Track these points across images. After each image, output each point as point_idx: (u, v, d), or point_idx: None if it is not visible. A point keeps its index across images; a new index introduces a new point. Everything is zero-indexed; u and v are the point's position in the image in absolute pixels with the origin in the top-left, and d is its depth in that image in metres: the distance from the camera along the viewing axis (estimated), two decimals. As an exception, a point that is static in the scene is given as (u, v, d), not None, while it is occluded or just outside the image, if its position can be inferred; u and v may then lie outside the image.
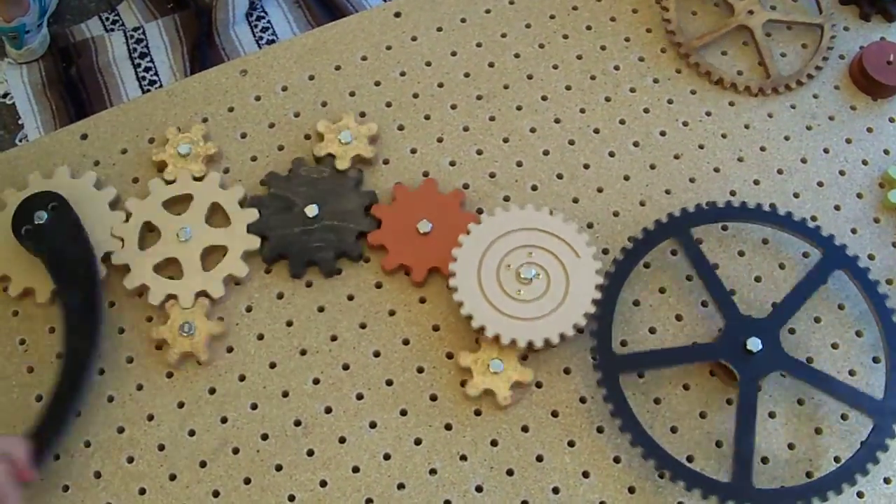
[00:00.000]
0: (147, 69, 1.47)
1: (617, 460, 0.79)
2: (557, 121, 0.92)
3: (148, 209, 0.86)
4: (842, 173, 0.91)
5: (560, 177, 0.90)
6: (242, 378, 0.82)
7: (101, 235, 0.85)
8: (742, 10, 0.96)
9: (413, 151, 0.90)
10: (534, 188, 0.89)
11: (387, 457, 0.79)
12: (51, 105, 1.46)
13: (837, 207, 0.89)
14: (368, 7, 1.47)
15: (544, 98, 0.93)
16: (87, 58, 1.48)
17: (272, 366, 0.82)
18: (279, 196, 0.87)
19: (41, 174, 0.87)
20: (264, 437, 0.80)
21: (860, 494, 0.78)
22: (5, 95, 1.48)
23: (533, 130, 0.92)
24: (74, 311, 0.81)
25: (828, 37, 0.95)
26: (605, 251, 0.86)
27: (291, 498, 0.78)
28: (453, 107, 0.93)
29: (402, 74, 0.94)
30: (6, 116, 1.46)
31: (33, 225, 0.82)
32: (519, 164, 0.90)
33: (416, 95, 0.93)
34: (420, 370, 0.82)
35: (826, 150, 0.92)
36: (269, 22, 1.51)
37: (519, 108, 0.93)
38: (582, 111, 0.93)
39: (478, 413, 0.80)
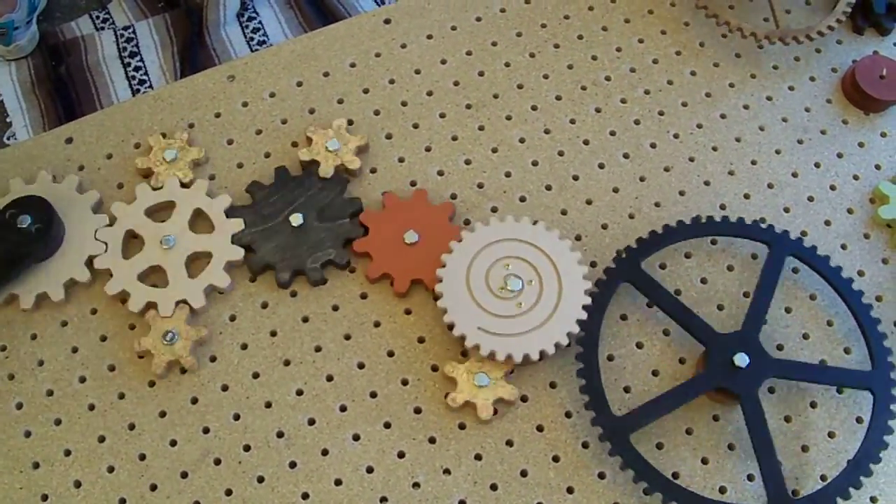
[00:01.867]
0: (137, 68, 1.46)
1: (602, 476, 0.78)
2: (547, 131, 0.91)
3: (132, 216, 0.85)
4: (833, 188, 0.90)
5: (549, 188, 0.89)
6: (225, 388, 0.81)
7: (84, 239, 0.84)
8: None
9: (401, 160, 0.90)
10: (522, 199, 0.88)
11: (370, 470, 0.78)
12: (39, 103, 1.45)
13: (828, 223, 0.88)
14: (360, 9, 1.47)
15: (534, 108, 0.92)
16: (76, 56, 1.47)
17: (255, 376, 0.82)
18: (263, 206, 0.86)
19: (23, 179, 0.87)
20: (246, 448, 0.79)
21: (846, 513, 0.78)
22: (-6, 93, 1.47)
23: (522, 141, 0.91)
24: None
25: (844, 2, 0.93)
26: (594, 264, 0.86)
27: (273, 510, 0.77)
28: (442, 115, 0.92)
29: (391, 82, 0.93)
30: (-5, 114, 1.45)
31: (14, 221, 0.82)
32: (507, 175, 0.89)
33: (404, 104, 0.92)
34: (405, 382, 0.81)
35: (817, 165, 0.91)
36: (260, 23, 1.50)
37: (508, 118, 0.92)
38: (572, 122, 0.92)
39: (462, 427, 0.80)
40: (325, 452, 0.79)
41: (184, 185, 0.87)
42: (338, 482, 0.78)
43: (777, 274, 0.82)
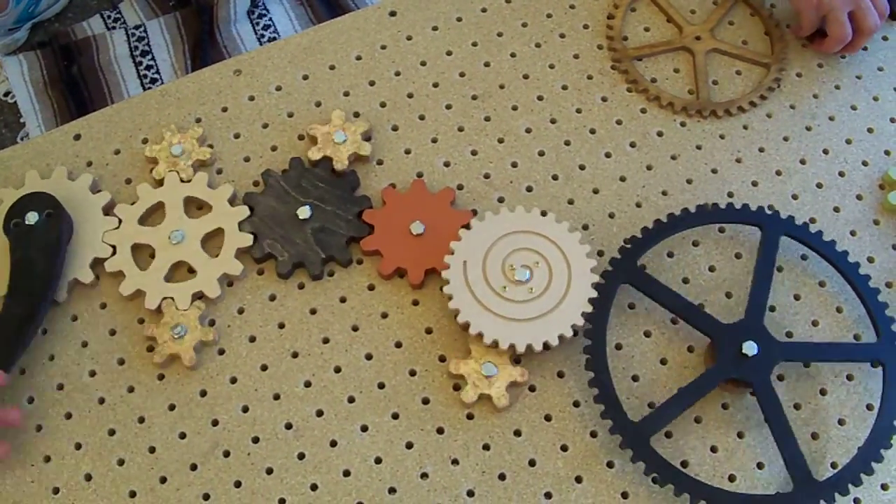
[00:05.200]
0: (148, 67, 1.46)
1: (610, 465, 0.78)
2: (553, 121, 0.91)
3: (134, 225, 0.86)
4: (841, 174, 0.90)
5: (555, 178, 0.89)
6: (234, 380, 0.81)
7: (91, 240, 0.85)
8: (690, 33, 0.95)
9: (407, 152, 0.90)
10: (529, 189, 0.88)
11: (378, 460, 0.79)
12: (52, 103, 1.45)
13: (837, 209, 0.88)
14: (370, 3, 1.46)
15: (540, 98, 0.92)
16: (88, 56, 1.47)
17: (264, 368, 0.82)
18: (273, 196, 0.86)
19: (39, 174, 0.88)
20: (255, 439, 0.79)
21: (857, 501, 0.77)
22: (7, 94, 1.47)
23: (528, 131, 0.91)
24: (9, 320, 0.80)
25: (771, 77, 0.93)
26: (601, 253, 0.85)
27: (282, 501, 0.77)
28: (448, 107, 0.92)
29: (397, 74, 0.93)
30: (8, 115, 1.45)
31: (24, 224, 0.82)
32: (514, 165, 0.89)
33: (410, 95, 0.92)
34: (412, 373, 0.81)
35: (826, 151, 0.91)
36: (270, 20, 1.50)
37: (514, 108, 0.92)
38: (578, 111, 0.92)
39: (470, 417, 0.80)
40: (333, 444, 0.79)
41: (184, 182, 0.87)
42: (346, 473, 0.78)
43: (772, 255, 0.82)
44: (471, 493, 0.77)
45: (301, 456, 0.79)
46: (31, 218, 0.82)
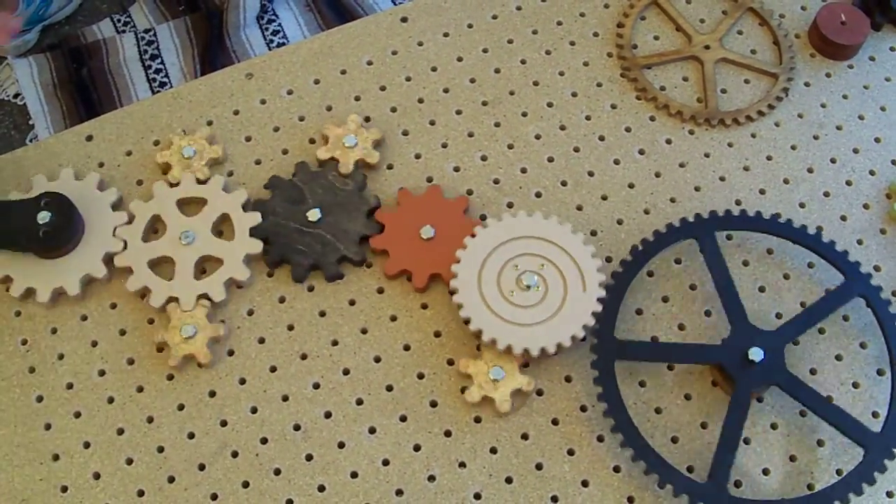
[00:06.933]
0: (158, 71, 1.47)
1: (617, 469, 0.79)
2: (563, 128, 0.92)
3: (156, 208, 0.86)
4: (848, 183, 0.90)
5: (564, 184, 0.89)
6: (243, 381, 0.82)
7: (102, 236, 0.85)
8: (699, 42, 0.95)
9: (417, 157, 0.90)
10: (538, 195, 0.89)
11: (385, 462, 0.79)
12: (61, 106, 1.46)
13: (843, 218, 0.88)
14: (379, 10, 1.47)
15: (550, 105, 0.93)
16: (98, 59, 1.48)
17: (273, 369, 0.82)
18: (282, 200, 0.87)
19: (46, 176, 0.88)
20: (263, 440, 0.80)
21: (862, 508, 0.78)
22: (17, 96, 1.48)
23: (538, 137, 0.91)
24: None
25: (779, 87, 0.93)
26: (609, 259, 0.86)
27: (290, 502, 0.78)
28: (458, 112, 0.92)
29: (408, 79, 0.94)
30: (17, 116, 1.46)
31: (42, 225, 0.83)
32: (523, 171, 0.90)
33: (421, 101, 0.93)
34: (420, 376, 0.82)
35: (833, 160, 0.91)
36: (279, 25, 1.51)
37: (524, 115, 0.92)
38: (587, 118, 0.92)
39: (478, 420, 0.80)
40: (341, 445, 0.80)
41: (200, 183, 0.88)
42: (354, 475, 0.79)
43: (837, 306, 0.82)
44: (478, 496, 0.78)
45: (309, 457, 0.79)
46: (43, 217, 0.83)
